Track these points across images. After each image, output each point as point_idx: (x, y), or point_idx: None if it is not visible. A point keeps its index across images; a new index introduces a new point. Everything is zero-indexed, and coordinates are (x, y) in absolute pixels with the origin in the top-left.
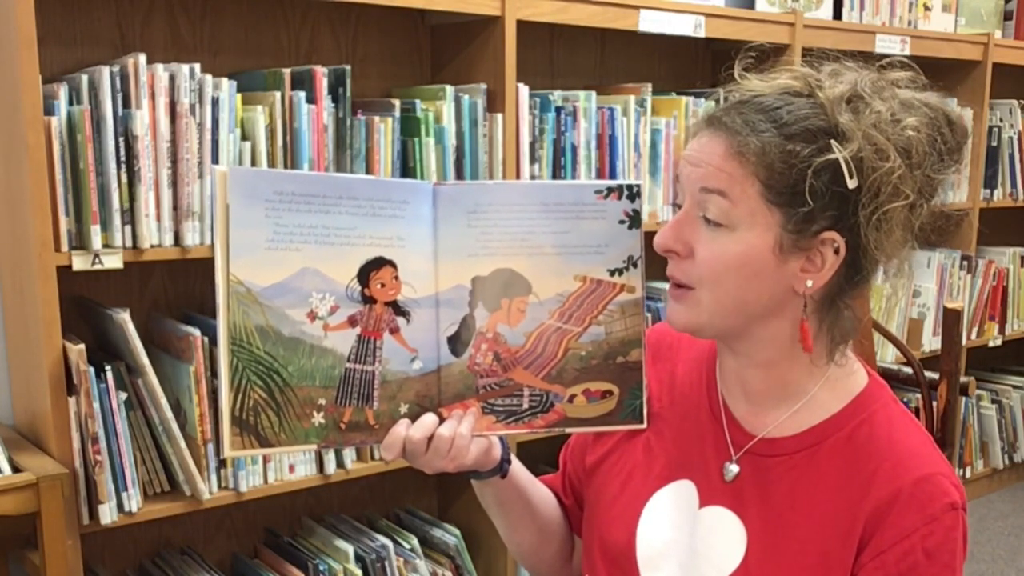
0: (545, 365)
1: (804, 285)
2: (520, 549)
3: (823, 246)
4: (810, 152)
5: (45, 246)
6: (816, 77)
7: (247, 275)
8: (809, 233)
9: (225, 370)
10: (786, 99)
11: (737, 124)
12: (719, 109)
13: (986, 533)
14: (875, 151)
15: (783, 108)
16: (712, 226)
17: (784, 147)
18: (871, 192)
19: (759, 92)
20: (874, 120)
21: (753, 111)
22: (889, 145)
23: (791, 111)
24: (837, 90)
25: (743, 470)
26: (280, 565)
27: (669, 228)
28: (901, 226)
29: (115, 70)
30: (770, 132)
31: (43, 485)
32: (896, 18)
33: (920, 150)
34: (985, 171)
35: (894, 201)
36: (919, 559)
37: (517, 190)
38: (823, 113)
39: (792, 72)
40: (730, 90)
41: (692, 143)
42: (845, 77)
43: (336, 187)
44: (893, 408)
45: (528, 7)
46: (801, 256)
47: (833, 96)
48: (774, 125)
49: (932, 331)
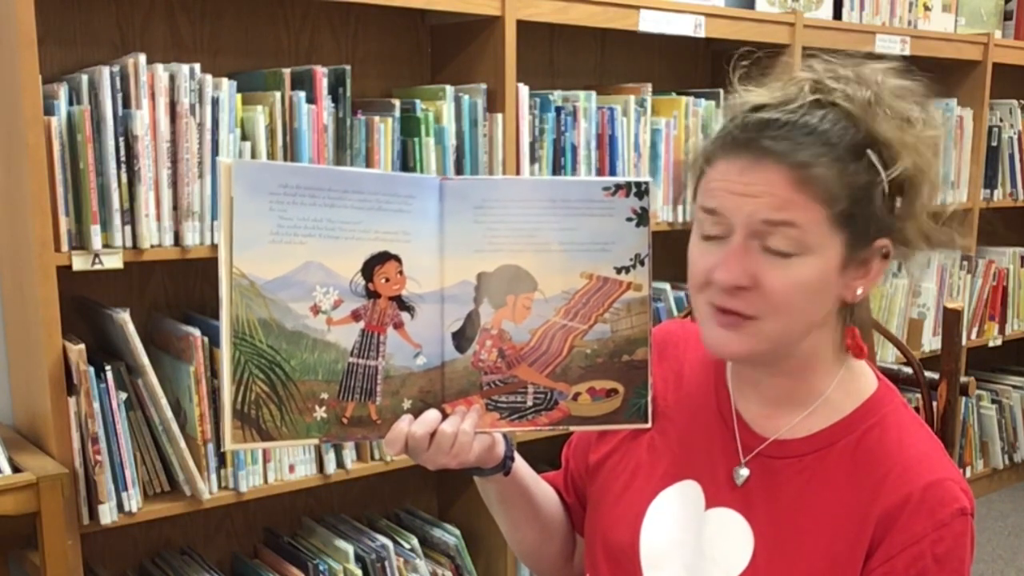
0: (550, 362)
1: (854, 293)
2: (522, 547)
3: (875, 253)
4: (866, 172)
5: (45, 246)
6: (823, 84)
7: (251, 268)
8: (866, 245)
9: (227, 363)
10: (820, 115)
11: (794, 152)
12: (757, 134)
13: (986, 533)
14: (917, 158)
15: (821, 126)
16: (778, 256)
17: (843, 172)
18: (913, 194)
19: (789, 110)
20: (909, 125)
21: (801, 134)
22: (923, 146)
23: (828, 129)
24: (856, 96)
25: (752, 473)
26: (280, 565)
27: (733, 263)
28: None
29: (115, 70)
30: (827, 158)
31: (43, 485)
32: (896, 18)
33: (938, 143)
34: (985, 171)
35: (932, 197)
36: (928, 565)
37: (524, 186)
38: (854, 124)
39: (797, 78)
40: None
41: (727, 171)
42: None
43: (341, 181)
44: (903, 413)
45: (528, 7)
46: (859, 268)
47: (858, 101)
48: (826, 148)
49: (932, 331)
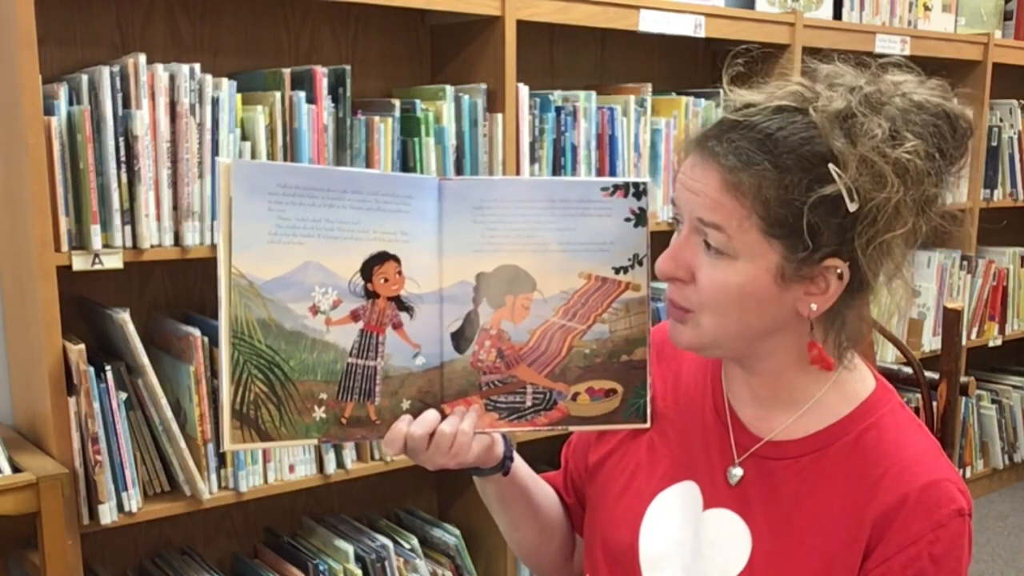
0: (549, 362)
1: (808, 308)
2: (521, 546)
3: (826, 272)
4: (807, 183)
5: (45, 246)
6: (812, 89)
7: (249, 268)
8: (811, 261)
9: (226, 363)
10: (780, 120)
11: (730, 158)
12: (710, 133)
13: (986, 533)
14: (872, 178)
15: (777, 134)
16: (713, 252)
17: (781, 181)
18: (869, 219)
19: (751, 113)
20: (871, 145)
21: (746, 140)
22: (887, 169)
23: (785, 136)
24: (832, 107)
25: (748, 473)
26: (280, 565)
27: (670, 255)
28: (902, 247)
29: (115, 70)
30: (764, 164)
31: (43, 485)
32: (896, 18)
33: (918, 170)
34: (985, 171)
35: (893, 227)
36: (925, 565)
37: (523, 186)
38: (818, 136)
39: (787, 82)
40: (727, 101)
41: (686, 165)
42: (842, 85)
43: (340, 181)
44: (901, 413)
45: (528, 7)
46: (804, 282)
47: (829, 113)
48: (768, 157)
49: (932, 331)
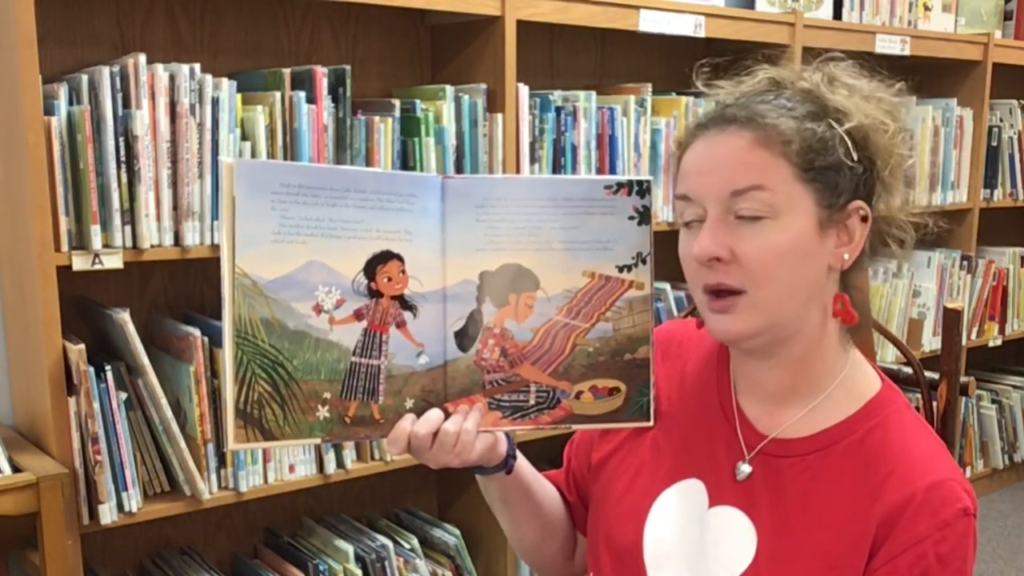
0: (552, 361)
1: (841, 259)
2: (523, 545)
3: (852, 216)
4: (822, 130)
5: (45, 246)
6: (783, 75)
7: (253, 268)
8: (839, 205)
9: (230, 363)
10: (776, 91)
11: (752, 115)
12: (719, 108)
13: (986, 533)
14: (873, 119)
15: (779, 99)
16: (751, 222)
17: (800, 129)
18: (882, 157)
19: (745, 92)
20: (862, 94)
21: (756, 103)
22: (881, 111)
23: (788, 98)
24: (811, 78)
25: (755, 470)
26: (280, 565)
27: (707, 237)
28: (903, 187)
29: (115, 70)
30: (782, 117)
31: (43, 485)
32: (896, 18)
33: (900, 111)
34: (985, 171)
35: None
36: (931, 564)
37: (526, 184)
38: (809, 99)
39: (755, 75)
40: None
41: (694, 153)
42: (807, 72)
43: (343, 180)
44: (906, 413)
45: (528, 7)
46: (835, 230)
47: (814, 82)
48: (782, 111)
49: (932, 331)
